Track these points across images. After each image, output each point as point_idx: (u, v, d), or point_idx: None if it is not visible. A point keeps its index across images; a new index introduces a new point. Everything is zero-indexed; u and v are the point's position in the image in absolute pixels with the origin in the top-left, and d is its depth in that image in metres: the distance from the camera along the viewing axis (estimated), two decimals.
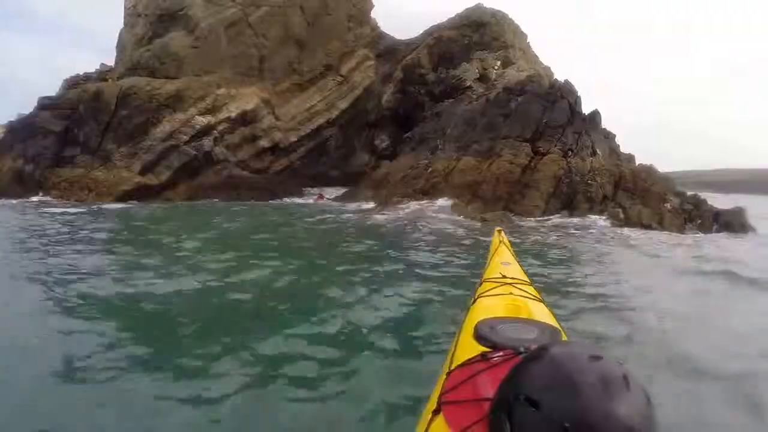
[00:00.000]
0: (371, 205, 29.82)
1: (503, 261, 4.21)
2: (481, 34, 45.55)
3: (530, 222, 25.29)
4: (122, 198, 31.91)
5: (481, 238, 16.86)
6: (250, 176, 38.58)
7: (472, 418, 1.70)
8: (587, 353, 1.32)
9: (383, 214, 25.93)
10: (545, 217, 26.82)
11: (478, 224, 22.54)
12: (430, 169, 32.02)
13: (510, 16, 48.78)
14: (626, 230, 23.84)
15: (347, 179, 40.50)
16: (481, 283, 3.77)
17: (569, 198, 27.67)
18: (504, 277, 3.72)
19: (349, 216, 25.33)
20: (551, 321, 3.08)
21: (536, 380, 1.30)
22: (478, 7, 47.96)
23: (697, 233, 25.21)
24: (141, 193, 33.06)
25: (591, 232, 22.67)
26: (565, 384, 1.24)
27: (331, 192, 38.59)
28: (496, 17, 47.15)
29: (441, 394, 2.09)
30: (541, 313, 3.19)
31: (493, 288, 3.53)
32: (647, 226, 25.14)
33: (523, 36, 49.59)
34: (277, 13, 42.31)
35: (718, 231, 26.02)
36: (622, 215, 26.14)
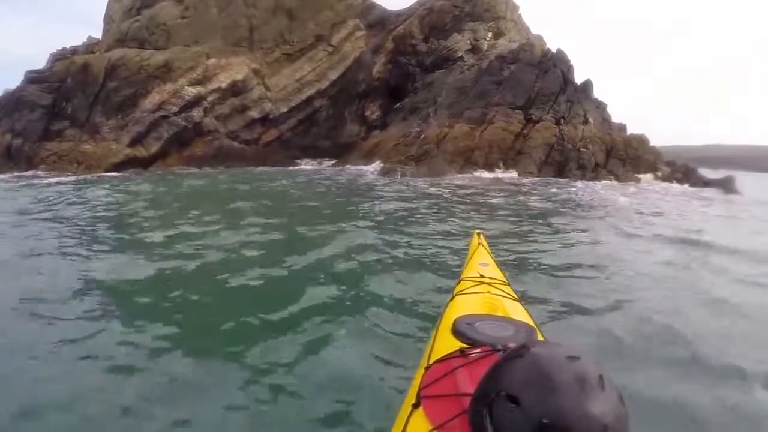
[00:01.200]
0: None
1: (482, 262, 4.26)
2: (473, 4, 45.10)
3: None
4: (111, 171, 31.63)
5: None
6: (240, 147, 38.42)
7: (451, 413, 1.75)
8: (566, 353, 1.36)
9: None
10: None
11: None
12: (422, 136, 31.96)
13: None
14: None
15: (338, 150, 40.47)
16: (459, 282, 3.83)
17: (561, 165, 27.68)
18: (482, 276, 3.79)
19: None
20: (527, 320, 3.12)
21: (517, 378, 1.34)
22: None
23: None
24: (130, 166, 32.82)
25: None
26: (544, 382, 1.28)
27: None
28: None
29: (420, 389, 2.12)
30: (517, 312, 3.24)
31: (471, 287, 3.60)
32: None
33: (515, 7, 49.14)
34: None
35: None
36: (614, 182, 26.27)
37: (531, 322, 3.06)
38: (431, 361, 2.41)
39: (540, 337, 2.73)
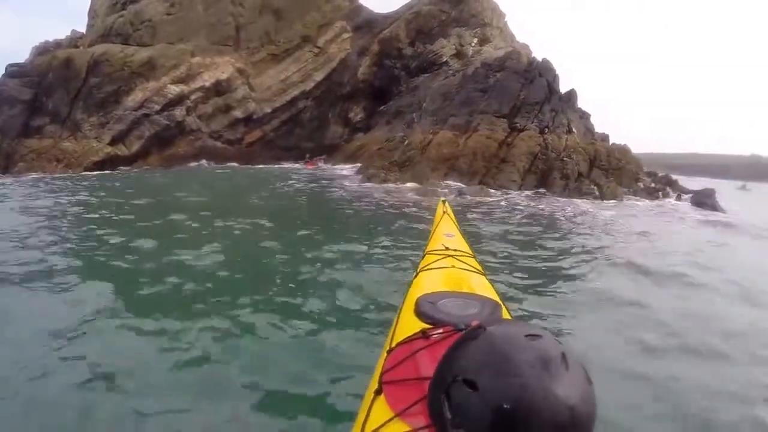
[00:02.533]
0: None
1: (446, 232, 4.20)
2: (459, 10, 45.26)
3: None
4: (91, 169, 31.28)
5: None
6: (223, 147, 38.31)
7: (412, 398, 1.69)
8: (525, 332, 1.31)
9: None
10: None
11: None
12: (406, 142, 31.94)
13: None
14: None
15: (321, 151, 40.51)
16: (423, 256, 3.76)
17: (545, 174, 27.73)
18: (447, 249, 3.73)
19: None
20: (492, 295, 3.03)
21: (473, 361, 1.29)
22: None
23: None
24: (111, 164, 32.48)
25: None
26: (502, 364, 1.23)
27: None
28: None
29: (382, 374, 2.05)
30: (482, 286, 3.18)
31: (436, 260, 3.52)
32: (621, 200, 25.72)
33: (502, 15, 49.31)
34: None
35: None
36: (597, 192, 26.34)
37: (496, 298, 2.99)
38: (394, 344, 2.36)
39: (505, 313, 2.69)
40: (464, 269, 3.41)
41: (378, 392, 1.93)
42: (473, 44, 43.37)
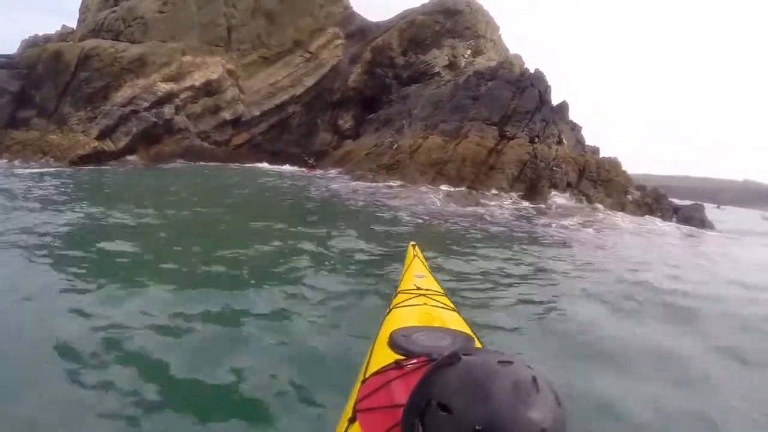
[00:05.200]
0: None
1: (417, 274, 4.27)
2: (453, 21, 45.39)
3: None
4: (77, 163, 30.91)
5: None
6: (211, 148, 38.18)
7: (387, 425, 1.72)
8: (497, 358, 1.33)
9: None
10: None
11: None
12: (395, 146, 32.00)
13: (484, 7, 48.69)
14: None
15: (309, 157, 40.15)
16: (396, 295, 3.82)
17: (533, 183, 27.81)
18: (418, 288, 3.80)
19: None
20: (465, 329, 3.13)
21: (448, 385, 1.31)
22: None
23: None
24: (97, 159, 32.15)
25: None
26: (475, 388, 1.25)
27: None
28: (471, 6, 46.97)
29: (356, 402, 2.08)
30: (454, 321, 3.26)
31: (408, 299, 3.59)
32: (609, 213, 25.87)
33: (496, 27, 49.55)
34: None
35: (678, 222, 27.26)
36: (585, 202, 26.44)
37: (468, 331, 3.06)
38: (368, 374, 2.35)
39: (478, 345, 2.75)
40: (436, 306, 3.48)
41: (352, 420, 1.98)
42: (466, 56, 43.63)
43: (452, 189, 26.47)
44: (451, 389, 1.28)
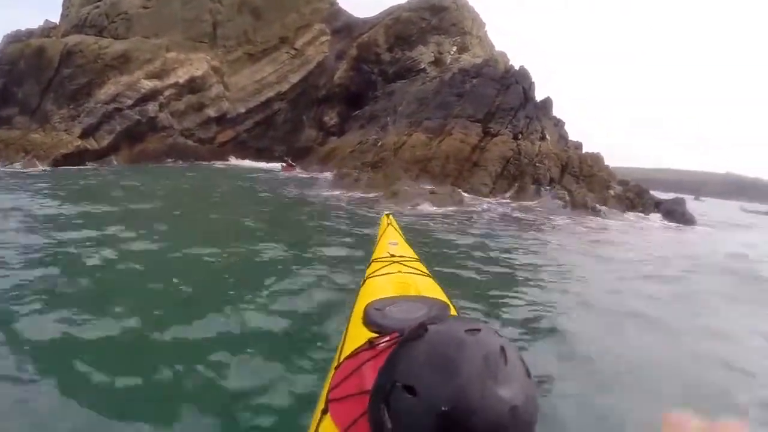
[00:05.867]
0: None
1: (391, 241, 4.20)
2: (440, 18, 45.44)
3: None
4: (60, 162, 30.63)
5: None
6: (195, 145, 37.97)
7: (357, 412, 1.61)
8: (463, 328, 1.24)
9: None
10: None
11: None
12: (380, 143, 32.04)
13: (470, 3, 48.69)
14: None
15: (294, 154, 40.12)
16: (369, 264, 3.72)
17: (516, 179, 27.98)
18: (392, 256, 3.74)
19: None
20: (440, 295, 3.05)
21: (411, 364, 1.22)
22: None
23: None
24: (80, 158, 31.88)
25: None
26: (440, 365, 1.17)
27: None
28: (457, 3, 47.05)
29: (328, 392, 1.96)
30: (429, 288, 3.20)
31: (382, 267, 3.53)
32: (592, 209, 25.86)
33: (482, 24, 49.56)
34: None
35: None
36: (567, 197, 26.56)
37: (444, 298, 3.00)
38: (341, 359, 2.26)
39: (453, 313, 2.66)
40: (410, 273, 3.40)
41: (324, 412, 1.87)
42: (452, 52, 43.64)
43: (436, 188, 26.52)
44: (415, 368, 1.22)
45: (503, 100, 31.38)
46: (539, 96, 33.84)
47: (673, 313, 8.26)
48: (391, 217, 4.93)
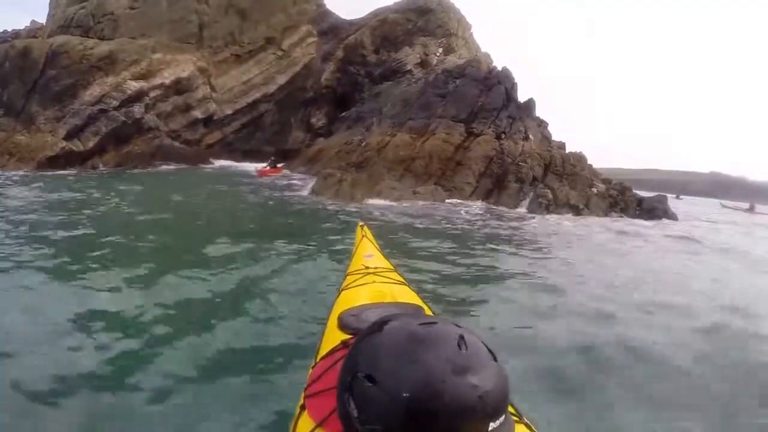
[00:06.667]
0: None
1: (366, 254, 4.23)
2: (425, 20, 45.82)
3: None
4: (44, 165, 30.49)
5: None
6: (182, 147, 37.85)
7: (332, 406, 1.65)
8: (420, 321, 1.34)
9: None
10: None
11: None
12: (364, 144, 32.24)
13: (456, 5, 49.04)
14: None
15: (281, 156, 40.09)
16: (345, 277, 3.81)
17: (499, 178, 28.26)
18: (367, 268, 3.77)
19: None
20: (415, 300, 3.15)
21: (371, 355, 1.30)
22: None
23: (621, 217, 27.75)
24: (65, 160, 31.73)
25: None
26: (399, 354, 1.24)
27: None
28: (442, 5, 47.54)
29: (305, 388, 2.10)
30: (404, 294, 3.27)
31: (357, 279, 3.57)
32: (574, 207, 26.60)
33: (467, 25, 49.97)
34: None
35: (641, 217, 28.32)
36: (550, 195, 26.81)
37: (420, 303, 3.08)
38: (318, 359, 2.40)
39: (428, 314, 2.74)
40: (385, 282, 3.46)
41: (302, 408, 1.96)
42: (438, 54, 44.08)
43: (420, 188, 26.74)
44: (375, 358, 1.29)
45: (486, 100, 31.60)
46: (541, 97, 34.24)
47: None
48: (365, 228, 4.98)
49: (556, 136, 33.43)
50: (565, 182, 28.88)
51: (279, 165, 36.58)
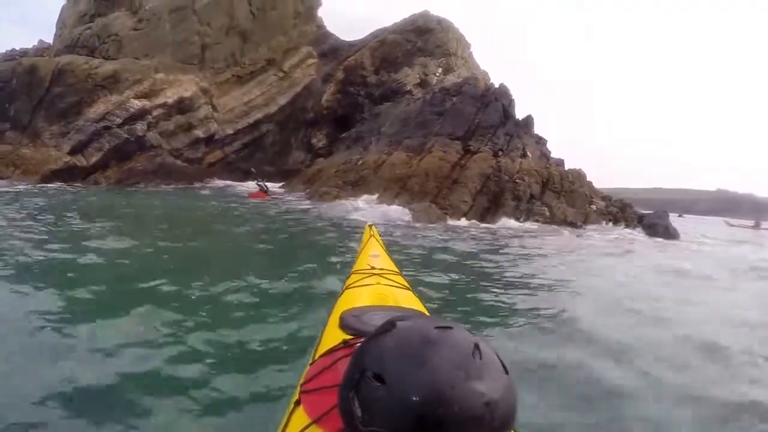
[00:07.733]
0: None
1: (372, 254, 4.23)
2: (425, 40, 46.19)
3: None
4: (48, 178, 31.23)
5: None
6: (183, 165, 38.29)
7: (329, 404, 1.67)
8: (435, 324, 1.29)
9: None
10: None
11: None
12: (360, 162, 32.30)
13: (455, 25, 49.53)
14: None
15: (282, 176, 40.52)
16: (350, 275, 3.78)
17: (496, 195, 27.94)
18: (372, 268, 3.76)
19: None
20: (419, 307, 3.13)
21: (382, 354, 1.26)
22: (425, 14, 48.48)
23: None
24: (69, 174, 32.44)
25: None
26: (411, 356, 1.20)
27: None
28: (442, 25, 47.89)
29: (302, 384, 2.08)
30: (408, 300, 3.25)
31: (361, 279, 3.55)
32: (572, 224, 26.59)
33: (467, 45, 50.34)
34: (223, 2, 42.32)
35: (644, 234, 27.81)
36: (548, 213, 26.70)
37: (423, 309, 3.06)
38: (316, 357, 2.37)
39: None
40: (389, 285, 3.44)
41: (297, 403, 1.95)
42: (437, 73, 44.38)
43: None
44: (386, 358, 1.23)
45: (483, 117, 31.35)
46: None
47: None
48: (374, 228, 4.98)
49: (555, 140, 33.23)
50: (563, 199, 28.79)
51: (266, 187, 32.73)
